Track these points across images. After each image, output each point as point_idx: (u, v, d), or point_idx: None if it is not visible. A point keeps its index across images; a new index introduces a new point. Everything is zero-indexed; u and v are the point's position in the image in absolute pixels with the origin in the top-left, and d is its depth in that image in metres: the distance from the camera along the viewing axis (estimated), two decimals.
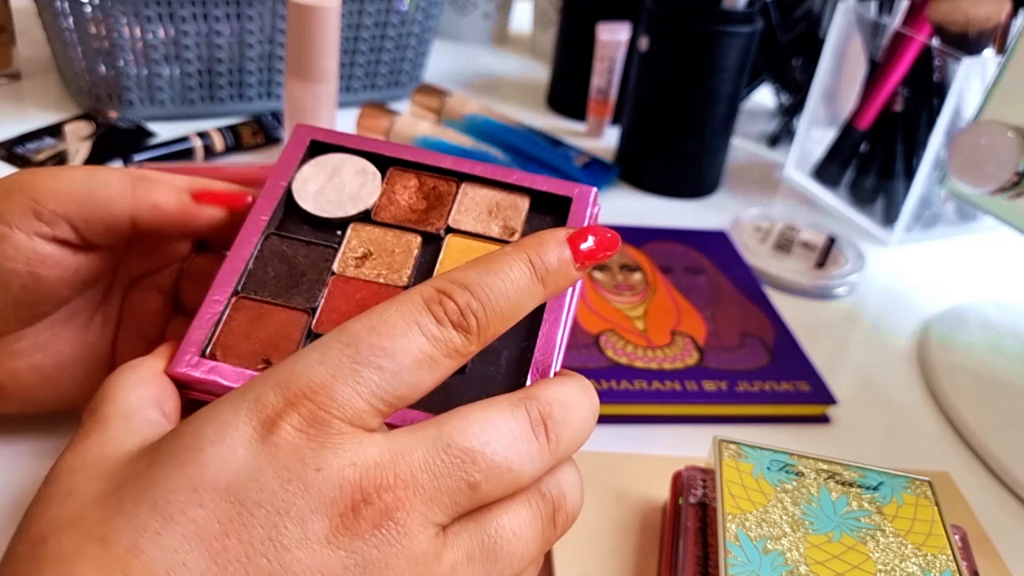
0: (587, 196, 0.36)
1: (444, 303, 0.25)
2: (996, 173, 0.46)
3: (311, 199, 0.35)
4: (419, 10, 0.74)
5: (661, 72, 0.66)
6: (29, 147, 0.62)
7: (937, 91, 0.64)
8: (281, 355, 0.31)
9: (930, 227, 0.69)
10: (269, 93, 0.71)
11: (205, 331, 0.31)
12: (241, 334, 0.32)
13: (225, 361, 0.31)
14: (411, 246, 0.35)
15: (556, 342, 0.31)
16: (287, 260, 0.34)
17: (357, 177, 0.36)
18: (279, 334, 0.32)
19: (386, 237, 0.35)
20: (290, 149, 0.36)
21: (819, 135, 0.74)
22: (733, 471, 0.35)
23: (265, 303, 0.33)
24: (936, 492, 0.36)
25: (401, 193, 0.37)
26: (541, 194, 0.36)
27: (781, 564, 0.31)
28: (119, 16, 0.62)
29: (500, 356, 0.32)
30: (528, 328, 0.32)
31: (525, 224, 0.36)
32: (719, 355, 0.49)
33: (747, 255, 0.60)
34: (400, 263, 0.34)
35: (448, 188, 0.37)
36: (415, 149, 0.37)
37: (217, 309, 0.32)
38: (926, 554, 0.33)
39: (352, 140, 0.37)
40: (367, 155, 0.37)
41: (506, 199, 0.37)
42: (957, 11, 0.60)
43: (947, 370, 0.52)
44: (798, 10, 0.81)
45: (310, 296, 0.33)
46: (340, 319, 0.32)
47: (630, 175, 0.71)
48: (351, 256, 0.35)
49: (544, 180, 0.36)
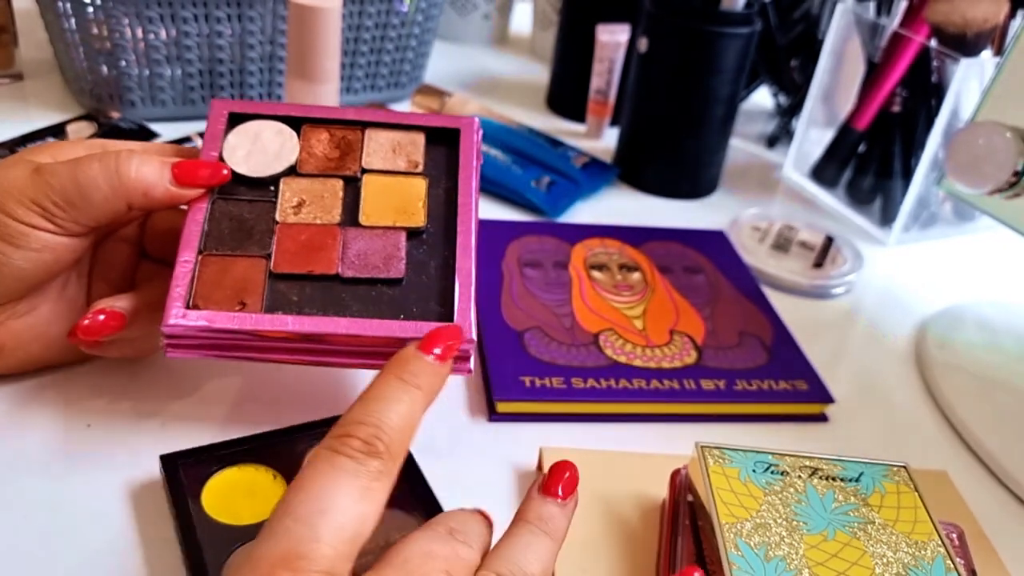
0: (471, 126, 0.43)
1: (349, 442, 0.27)
2: (993, 173, 0.46)
3: (243, 163, 0.41)
4: (419, 11, 0.74)
5: (660, 73, 0.66)
6: (31, 147, 0.62)
7: (935, 92, 0.64)
8: (252, 296, 0.37)
9: (928, 227, 0.69)
10: (270, 94, 0.71)
11: (184, 288, 0.36)
12: (214, 284, 0.37)
13: (207, 308, 0.36)
14: (336, 189, 0.41)
15: (471, 248, 0.39)
16: (236, 218, 0.39)
17: (276, 138, 0.42)
18: (245, 278, 0.38)
19: (313, 185, 0.41)
20: (212, 123, 0.41)
21: (817, 135, 0.74)
22: (721, 477, 0.35)
23: (227, 256, 0.38)
24: (913, 477, 0.36)
25: (316, 146, 0.42)
26: (433, 129, 0.43)
27: (785, 570, 0.31)
28: (121, 17, 0.62)
29: (428, 266, 0.39)
30: (445, 242, 0.40)
31: (425, 156, 0.43)
32: (717, 354, 0.49)
33: (745, 255, 0.61)
34: (330, 205, 0.40)
35: (355, 136, 0.43)
36: (318, 107, 0.43)
37: (189, 268, 0.37)
38: (916, 542, 0.33)
39: (263, 107, 0.43)
40: (279, 118, 0.42)
41: (405, 137, 0.43)
42: (955, 12, 0.60)
43: (945, 369, 0.53)
44: (796, 11, 0.81)
45: (263, 244, 0.39)
46: (292, 258, 0.38)
47: (629, 175, 0.71)
48: (288, 206, 0.40)
49: (433, 117, 0.43)
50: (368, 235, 0.40)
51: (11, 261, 0.36)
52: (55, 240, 0.37)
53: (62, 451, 0.38)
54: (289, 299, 0.37)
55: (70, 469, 0.38)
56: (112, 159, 0.37)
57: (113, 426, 0.40)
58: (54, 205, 0.36)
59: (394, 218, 0.40)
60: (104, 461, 0.38)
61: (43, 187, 0.36)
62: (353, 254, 0.39)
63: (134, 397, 0.42)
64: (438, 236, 0.40)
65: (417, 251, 0.40)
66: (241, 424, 0.41)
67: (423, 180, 0.42)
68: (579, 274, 0.55)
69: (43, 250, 0.37)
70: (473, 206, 0.41)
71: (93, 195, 0.36)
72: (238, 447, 0.37)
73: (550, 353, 0.47)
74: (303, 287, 0.38)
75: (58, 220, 0.36)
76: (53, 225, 0.36)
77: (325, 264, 0.38)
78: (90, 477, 0.37)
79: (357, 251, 0.39)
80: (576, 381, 0.45)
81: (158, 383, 0.43)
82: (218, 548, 0.33)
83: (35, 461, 0.38)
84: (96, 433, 0.40)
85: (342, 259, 0.39)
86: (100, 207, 0.37)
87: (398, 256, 0.39)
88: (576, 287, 0.53)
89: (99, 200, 0.37)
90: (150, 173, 0.37)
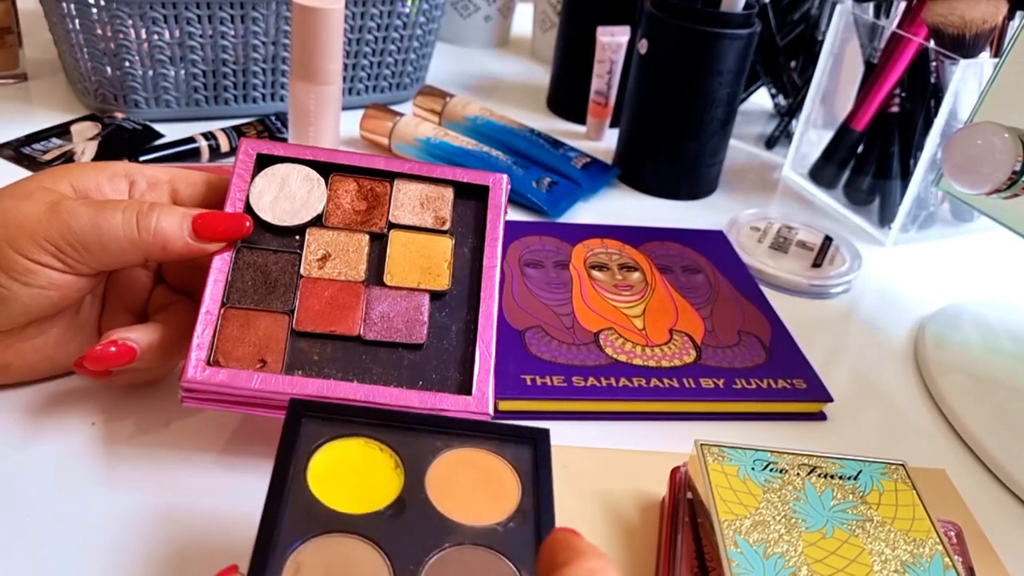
0: (500, 182, 0.43)
1: None
2: (991, 174, 0.47)
3: (268, 210, 0.40)
4: (421, 13, 0.75)
5: (660, 74, 0.67)
6: (36, 147, 0.63)
7: (933, 93, 0.65)
8: (273, 354, 0.37)
9: (926, 227, 0.69)
10: (274, 95, 0.72)
11: (206, 341, 0.36)
12: (236, 340, 0.37)
13: (227, 366, 0.36)
14: (362, 244, 0.41)
15: (493, 314, 0.39)
16: (260, 269, 0.39)
17: (304, 184, 0.41)
18: (268, 335, 0.37)
19: (339, 238, 0.41)
20: (240, 164, 0.41)
21: (816, 136, 0.75)
22: (720, 475, 0.35)
23: (250, 310, 0.38)
24: (911, 475, 0.36)
25: (344, 197, 0.42)
26: (461, 184, 0.43)
27: (783, 567, 0.32)
28: (126, 18, 0.63)
29: (450, 330, 0.39)
30: (468, 306, 0.40)
31: (452, 212, 0.42)
32: (717, 353, 0.50)
33: (744, 255, 0.61)
34: (355, 261, 0.40)
35: (383, 188, 0.43)
36: (347, 153, 0.42)
37: (211, 320, 0.37)
38: (914, 539, 0.34)
39: (292, 149, 0.42)
40: (308, 162, 0.42)
41: (434, 191, 0.43)
42: (954, 13, 0.60)
43: (943, 368, 0.53)
44: (795, 13, 0.81)
45: (286, 299, 0.39)
46: (315, 316, 0.38)
47: (629, 176, 0.72)
48: (313, 259, 0.40)
49: (463, 172, 0.43)
50: (392, 296, 0.39)
51: (16, 297, 0.36)
52: (63, 279, 0.36)
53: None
54: (310, 358, 0.37)
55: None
56: (133, 211, 0.36)
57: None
58: (69, 247, 0.36)
59: (419, 279, 0.40)
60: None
61: (60, 227, 0.35)
62: (376, 315, 0.39)
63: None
64: (461, 299, 0.40)
65: (439, 314, 0.40)
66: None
67: (449, 239, 0.42)
68: (579, 274, 0.55)
69: (49, 287, 0.36)
70: (498, 268, 0.41)
71: (111, 246, 0.36)
72: (376, 418, 0.33)
73: (551, 352, 0.48)
74: (324, 346, 0.38)
75: (69, 261, 0.36)
76: (63, 265, 0.36)
77: (348, 325, 0.38)
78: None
79: (380, 313, 0.39)
80: (577, 380, 0.46)
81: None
82: (300, 525, 0.29)
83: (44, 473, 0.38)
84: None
85: (365, 320, 0.39)
86: (116, 257, 0.37)
87: (420, 320, 0.39)
88: (576, 287, 0.54)
89: (116, 251, 0.36)
90: (170, 227, 0.37)
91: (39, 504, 0.36)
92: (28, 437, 0.39)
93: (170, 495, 0.37)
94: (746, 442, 0.37)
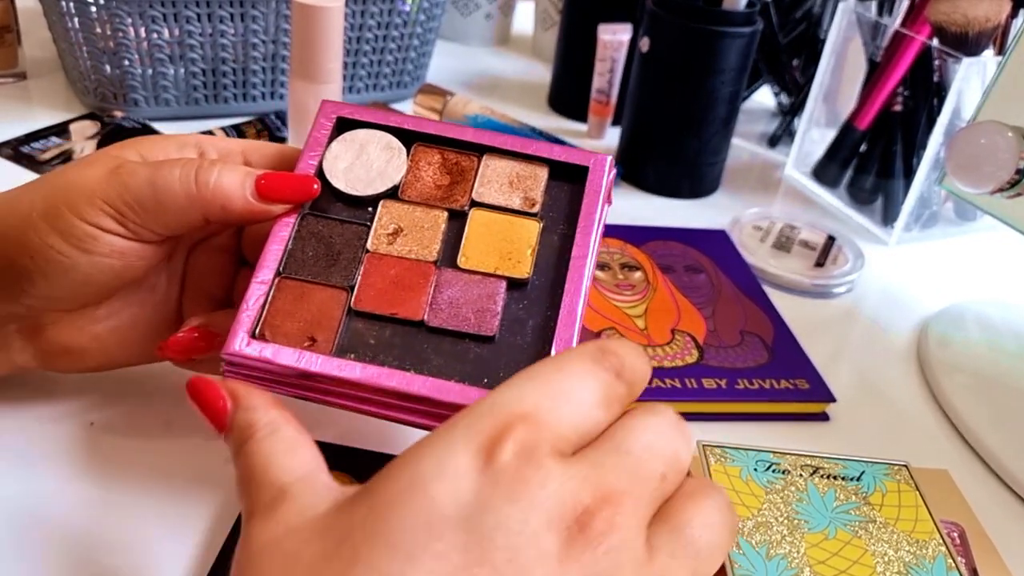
0: (603, 164, 0.38)
1: (611, 359, 0.27)
2: (995, 173, 0.46)
3: (341, 177, 0.37)
4: (421, 11, 0.74)
5: (662, 73, 0.66)
6: (35, 146, 0.63)
7: (936, 91, 0.64)
8: (325, 332, 0.34)
9: (929, 226, 0.69)
10: (273, 93, 0.72)
11: (254, 313, 0.33)
12: (286, 313, 0.34)
13: (274, 340, 0.33)
14: (438, 221, 0.37)
15: (577, 312, 0.34)
16: (324, 240, 0.36)
17: (383, 153, 0.38)
18: (321, 312, 0.34)
19: (415, 213, 0.37)
20: (318, 127, 0.38)
21: (819, 135, 0.74)
22: (722, 476, 0.35)
23: (306, 282, 0.35)
24: (914, 476, 0.36)
25: (425, 169, 0.38)
26: (559, 163, 0.38)
27: (786, 569, 0.32)
28: (125, 16, 0.63)
29: (526, 325, 0.35)
30: (550, 300, 0.35)
31: (545, 194, 0.38)
32: (719, 353, 0.49)
33: (747, 254, 0.61)
34: (429, 239, 0.36)
35: (470, 163, 0.39)
36: (436, 123, 0.39)
37: (263, 291, 0.34)
38: (917, 540, 0.33)
39: (377, 115, 0.38)
40: (391, 130, 0.38)
41: (526, 169, 0.38)
42: (957, 11, 0.60)
43: (946, 368, 0.53)
44: (798, 11, 0.81)
45: (347, 274, 0.35)
46: (377, 295, 0.35)
47: (631, 175, 0.71)
48: (383, 233, 0.36)
49: (562, 150, 0.38)
50: (464, 280, 0.35)
51: (77, 266, 0.34)
52: (125, 244, 0.34)
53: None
54: (365, 341, 0.34)
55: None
56: (192, 166, 0.34)
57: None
58: (126, 206, 0.33)
59: (497, 264, 0.36)
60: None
61: (118, 187, 0.33)
62: (444, 300, 0.35)
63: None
64: (543, 291, 0.36)
65: (516, 306, 0.35)
66: None
67: (537, 223, 0.37)
68: None
69: (111, 255, 0.34)
70: (589, 261, 0.36)
71: (168, 202, 0.34)
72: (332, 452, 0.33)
73: None
74: (383, 329, 0.34)
75: (130, 224, 0.34)
76: (124, 229, 0.34)
77: (411, 308, 0.34)
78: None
79: (449, 298, 0.35)
80: None
81: None
82: None
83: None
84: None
85: (431, 304, 0.35)
86: (174, 216, 0.34)
87: (493, 310, 0.35)
88: None
89: (174, 208, 0.34)
90: (231, 184, 0.34)
91: (39, 504, 0.36)
92: (28, 436, 0.39)
93: (170, 495, 0.37)
94: (748, 443, 0.37)
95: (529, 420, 0.24)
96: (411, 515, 0.23)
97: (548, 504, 0.23)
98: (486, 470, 0.23)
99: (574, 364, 0.26)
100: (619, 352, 0.27)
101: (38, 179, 0.35)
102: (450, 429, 0.25)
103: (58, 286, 0.34)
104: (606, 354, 0.27)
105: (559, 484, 0.23)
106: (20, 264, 0.34)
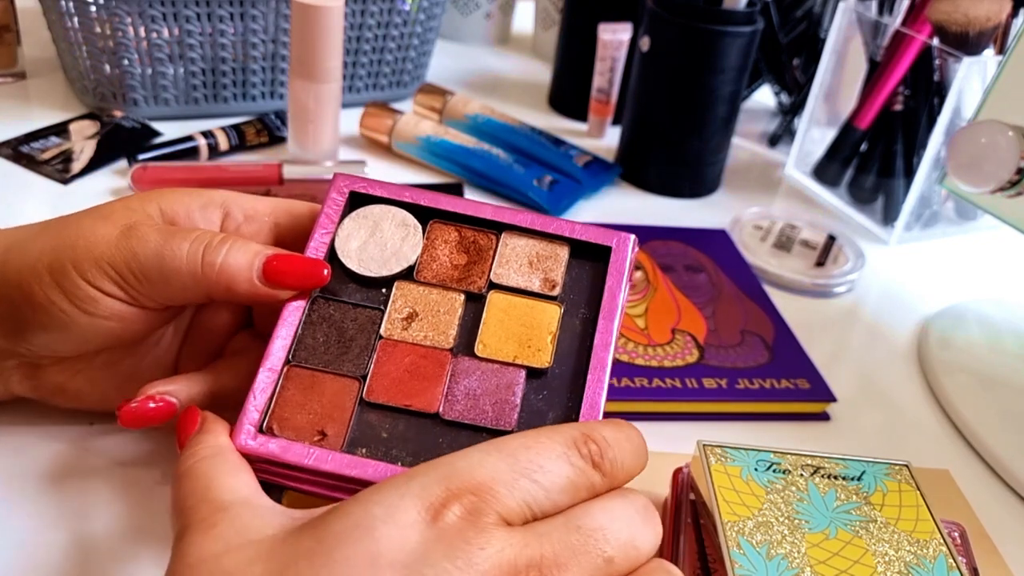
0: (626, 244, 0.36)
1: (588, 444, 0.28)
2: (995, 172, 0.46)
3: (354, 257, 0.36)
4: (421, 10, 0.74)
5: (662, 72, 0.66)
6: (34, 146, 0.62)
7: (937, 90, 0.64)
8: (335, 425, 0.32)
9: (930, 226, 0.69)
10: (273, 93, 0.71)
11: (262, 403, 0.32)
12: (296, 405, 0.32)
13: (282, 435, 0.32)
14: (455, 304, 0.35)
15: (599, 407, 0.33)
16: (335, 325, 0.34)
17: (398, 231, 0.36)
18: (332, 403, 0.33)
19: (430, 296, 0.36)
20: (330, 202, 0.36)
21: (819, 134, 0.74)
22: (723, 475, 0.35)
23: (317, 371, 0.33)
24: (915, 475, 0.36)
25: (442, 248, 0.37)
26: (580, 242, 0.37)
27: (787, 569, 0.31)
28: (124, 16, 0.63)
29: (546, 418, 0.33)
30: (570, 391, 0.33)
31: (565, 274, 0.36)
32: (719, 353, 0.49)
33: (747, 254, 0.61)
34: (445, 324, 0.35)
35: (488, 241, 0.37)
36: (453, 198, 0.37)
37: (272, 380, 0.32)
38: (918, 540, 0.33)
39: (391, 189, 0.37)
40: (406, 206, 0.37)
41: (546, 248, 0.37)
42: (957, 11, 0.60)
43: (946, 368, 0.53)
44: (798, 10, 0.81)
45: (360, 363, 0.34)
46: (391, 385, 0.33)
47: (631, 174, 0.71)
48: (397, 318, 0.35)
49: (583, 228, 0.37)
50: (482, 369, 0.34)
51: (76, 324, 0.33)
52: (126, 309, 0.34)
53: None
54: (377, 435, 0.32)
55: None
56: (202, 243, 0.33)
57: None
58: (132, 275, 0.33)
59: (516, 352, 0.34)
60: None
61: (126, 254, 0.33)
62: (460, 392, 0.33)
63: None
64: (563, 381, 0.34)
65: (535, 396, 0.34)
66: None
67: (558, 307, 0.35)
68: None
69: (111, 318, 0.33)
70: (612, 349, 0.34)
71: (172, 279, 0.33)
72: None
73: None
74: (396, 422, 0.33)
75: (131, 292, 0.33)
76: (126, 295, 0.33)
77: (426, 400, 0.33)
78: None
79: (466, 389, 0.33)
80: None
81: None
82: None
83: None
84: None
85: (446, 396, 0.33)
86: (178, 291, 0.33)
87: (512, 402, 0.33)
88: None
89: (178, 285, 0.33)
90: (237, 266, 0.33)
91: (38, 504, 0.36)
92: (27, 436, 0.39)
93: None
94: (749, 442, 0.37)
95: (481, 490, 0.25)
96: (356, 553, 0.24)
97: (484, 566, 0.24)
98: (432, 526, 0.25)
99: (545, 444, 0.27)
100: (603, 443, 0.28)
101: (54, 221, 0.35)
102: (407, 481, 0.26)
103: (56, 339, 0.34)
104: (588, 441, 0.28)
105: (498, 549, 0.24)
106: (22, 311, 0.33)
